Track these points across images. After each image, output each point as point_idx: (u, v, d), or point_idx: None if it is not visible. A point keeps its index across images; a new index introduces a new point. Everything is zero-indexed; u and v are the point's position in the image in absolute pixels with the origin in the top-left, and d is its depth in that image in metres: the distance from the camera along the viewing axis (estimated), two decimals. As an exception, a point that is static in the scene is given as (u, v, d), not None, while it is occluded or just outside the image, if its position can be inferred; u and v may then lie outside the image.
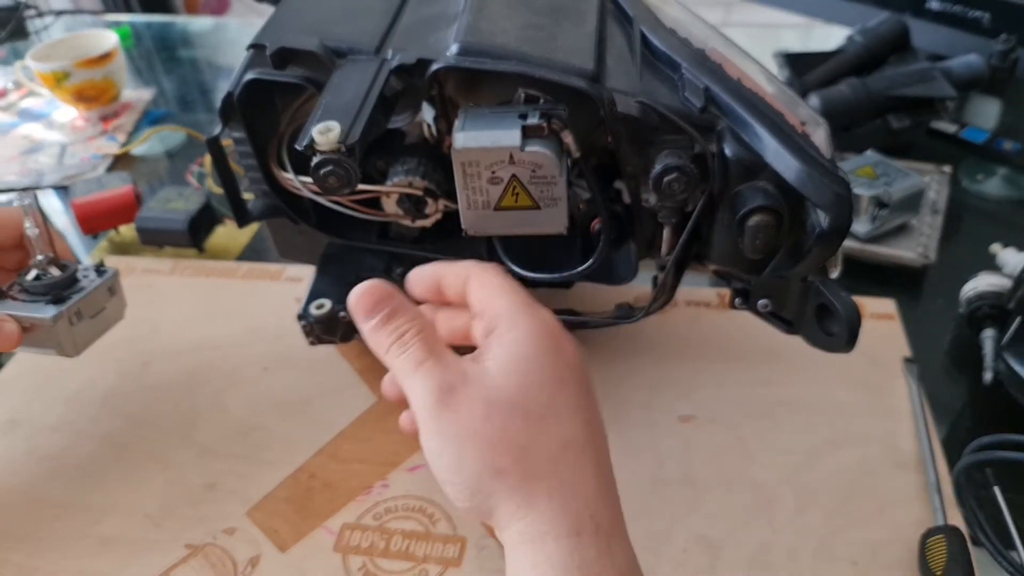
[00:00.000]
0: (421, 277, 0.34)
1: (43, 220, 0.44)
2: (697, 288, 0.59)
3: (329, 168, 0.35)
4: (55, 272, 0.45)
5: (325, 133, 0.34)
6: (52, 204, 0.76)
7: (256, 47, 0.40)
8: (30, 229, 0.44)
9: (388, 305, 0.31)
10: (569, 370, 0.30)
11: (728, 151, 0.36)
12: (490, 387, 0.29)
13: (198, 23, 1.18)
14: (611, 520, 0.29)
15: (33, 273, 0.45)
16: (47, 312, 0.43)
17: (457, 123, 0.36)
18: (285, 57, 0.40)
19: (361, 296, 0.31)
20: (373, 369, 0.54)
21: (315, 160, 0.35)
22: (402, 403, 0.32)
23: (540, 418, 0.29)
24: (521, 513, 0.28)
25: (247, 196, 0.46)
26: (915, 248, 0.61)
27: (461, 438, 0.28)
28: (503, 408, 0.28)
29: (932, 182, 0.67)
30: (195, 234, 0.64)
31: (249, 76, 0.39)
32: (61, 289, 0.44)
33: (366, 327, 0.31)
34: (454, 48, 0.37)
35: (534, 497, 0.28)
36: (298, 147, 0.35)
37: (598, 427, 0.31)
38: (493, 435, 0.28)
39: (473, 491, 0.28)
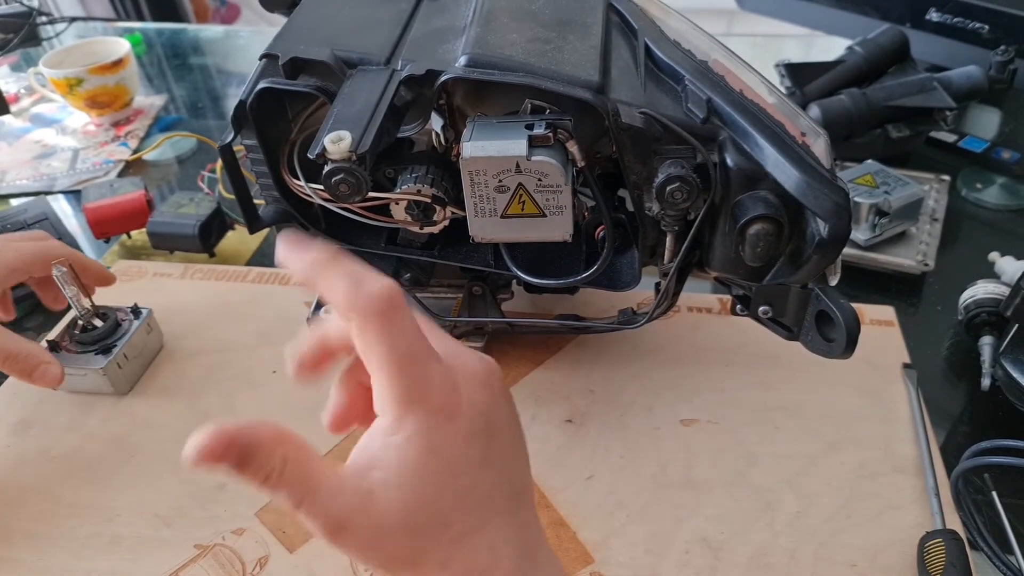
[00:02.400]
0: (309, 355, 0.31)
1: (76, 278, 0.50)
2: (699, 294, 0.60)
3: (340, 176, 0.36)
4: (98, 323, 0.52)
5: (337, 142, 0.35)
6: (64, 209, 0.77)
7: (269, 57, 0.41)
8: (68, 291, 0.50)
9: (236, 450, 0.26)
10: (468, 465, 0.28)
11: (730, 161, 0.37)
12: (377, 512, 0.27)
13: (209, 31, 1.19)
14: None
15: (79, 325, 0.52)
16: (98, 363, 0.50)
17: (465, 132, 0.37)
18: (297, 67, 0.40)
19: (201, 451, 0.25)
20: (380, 373, 0.54)
21: (327, 168, 0.36)
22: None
23: (428, 532, 0.28)
24: None
25: (258, 202, 0.47)
26: (914, 256, 0.62)
27: (362, 560, 0.28)
28: (392, 532, 0.27)
29: (931, 191, 0.68)
30: (206, 239, 0.65)
31: (262, 85, 0.40)
32: (106, 338, 0.51)
33: (233, 477, 0.26)
34: (463, 60, 0.38)
35: None
36: (310, 155, 0.36)
37: (501, 502, 0.29)
38: (387, 558, 0.28)
39: None
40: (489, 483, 0.29)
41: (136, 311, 0.54)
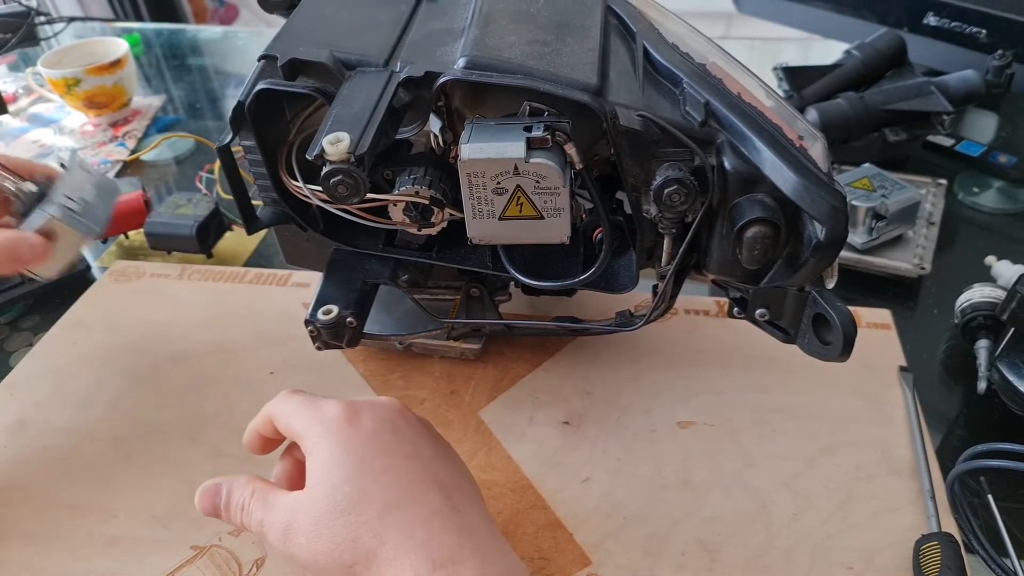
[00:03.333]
0: (250, 442, 0.40)
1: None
2: (696, 297, 0.60)
3: (339, 177, 0.36)
4: (31, 187, 0.48)
5: (335, 143, 0.35)
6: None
7: (267, 58, 0.41)
8: None
9: (220, 493, 0.37)
10: (366, 448, 0.35)
11: (727, 164, 0.37)
12: (311, 507, 0.34)
13: (207, 31, 1.19)
14: (450, 553, 0.33)
15: (20, 201, 0.47)
16: (48, 210, 0.46)
17: (464, 134, 0.37)
18: (296, 68, 0.40)
19: (201, 501, 0.37)
20: (379, 373, 0.55)
21: (325, 169, 0.36)
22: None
23: (352, 507, 0.33)
24: None
25: (256, 203, 0.47)
26: (911, 259, 0.62)
27: (313, 560, 0.33)
28: (325, 518, 0.33)
29: (928, 194, 0.68)
30: (203, 240, 0.65)
31: (260, 86, 0.40)
32: (42, 193, 0.47)
33: (224, 520, 0.37)
34: (461, 62, 0.38)
35: (380, 569, 0.32)
36: (309, 157, 0.36)
37: (422, 483, 0.35)
38: (328, 544, 0.33)
39: None
40: (406, 468, 0.35)
41: (62, 165, 0.50)
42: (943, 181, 0.70)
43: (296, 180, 0.42)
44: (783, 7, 0.92)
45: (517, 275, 0.44)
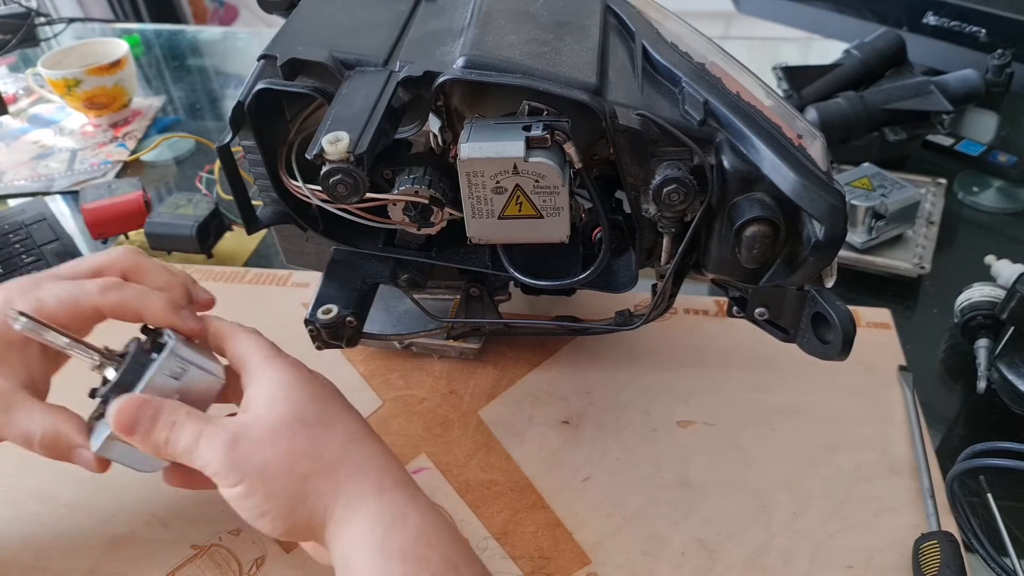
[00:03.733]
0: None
1: (46, 326, 0.35)
2: (696, 296, 0.60)
3: (338, 177, 0.36)
4: (110, 374, 0.36)
5: (335, 143, 0.35)
6: (62, 209, 0.77)
7: (267, 58, 0.41)
8: (53, 339, 0.35)
9: (148, 410, 0.34)
10: (326, 388, 0.37)
11: (726, 163, 0.37)
12: (266, 420, 0.34)
13: (207, 32, 1.19)
14: (405, 479, 0.35)
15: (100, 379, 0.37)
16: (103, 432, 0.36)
17: (463, 134, 0.37)
18: (295, 68, 0.40)
19: (119, 415, 0.33)
20: (378, 373, 0.55)
21: (324, 169, 0.36)
22: (189, 484, 0.37)
23: (318, 423, 0.34)
24: (335, 501, 0.33)
25: (256, 203, 0.47)
26: (910, 259, 0.62)
27: (261, 469, 0.33)
28: (283, 428, 0.33)
29: (928, 194, 0.68)
30: (203, 240, 0.65)
31: (260, 86, 0.40)
32: (124, 383, 0.36)
33: (137, 441, 0.34)
34: (460, 61, 0.38)
35: (339, 483, 0.33)
36: (308, 156, 0.36)
37: (367, 424, 0.37)
38: (285, 453, 0.33)
39: (291, 506, 0.33)
40: (334, 402, 0.37)
41: (154, 341, 0.37)
42: (943, 180, 0.70)
43: (296, 180, 0.42)
44: (782, 7, 0.92)
45: (516, 275, 0.44)
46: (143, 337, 0.38)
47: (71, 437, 0.37)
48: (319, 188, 0.38)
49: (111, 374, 0.36)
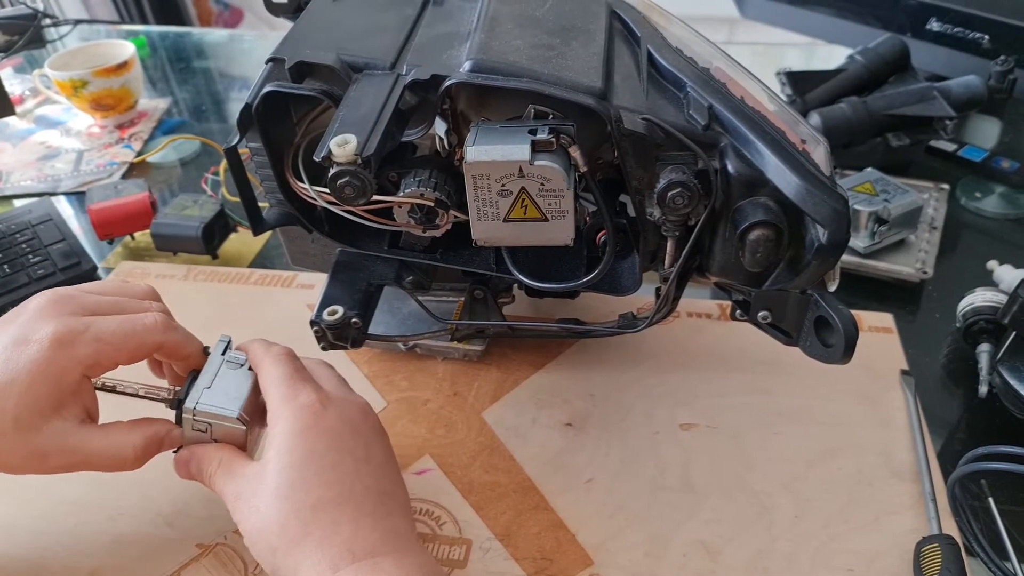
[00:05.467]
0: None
1: (118, 391, 0.41)
2: (699, 300, 0.60)
3: (346, 179, 0.36)
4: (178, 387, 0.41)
5: (342, 145, 0.36)
6: (68, 210, 0.77)
7: (275, 60, 0.41)
8: (124, 389, 0.41)
9: (191, 464, 0.40)
10: (322, 441, 0.36)
11: (730, 167, 0.37)
12: (258, 483, 0.36)
13: (212, 34, 1.20)
14: (372, 548, 0.34)
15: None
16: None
17: (469, 137, 0.38)
18: (303, 71, 0.41)
19: (178, 471, 0.40)
20: (383, 374, 0.55)
21: (332, 171, 0.36)
22: (197, 477, 0.40)
23: (291, 496, 0.35)
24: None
25: (262, 205, 0.47)
26: (913, 263, 0.62)
27: (247, 532, 0.36)
28: (264, 497, 0.35)
29: (930, 199, 0.69)
30: (209, 241, 0.65)
31: (268, 88, 0.40)
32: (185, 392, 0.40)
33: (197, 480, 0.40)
34: (467, 65, 0.38)
35: (299, 559, 0.34)
36: (316, 159, 0.37)
37: (363, 486, 0.36)
38: (261, 522, 0.35)
39: (271, 570, 0.35)
40: (353, 470, 0.36)
41: (234, 356, 0.42)
42: (945, 186, 0.71)
43: (302, 182, 0.42)
44: (786, 12, 0.92)
45: (521, 277, 0.44)
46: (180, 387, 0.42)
47: (161, 425, 0.40)
48: (326, 190, 0.38)
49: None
